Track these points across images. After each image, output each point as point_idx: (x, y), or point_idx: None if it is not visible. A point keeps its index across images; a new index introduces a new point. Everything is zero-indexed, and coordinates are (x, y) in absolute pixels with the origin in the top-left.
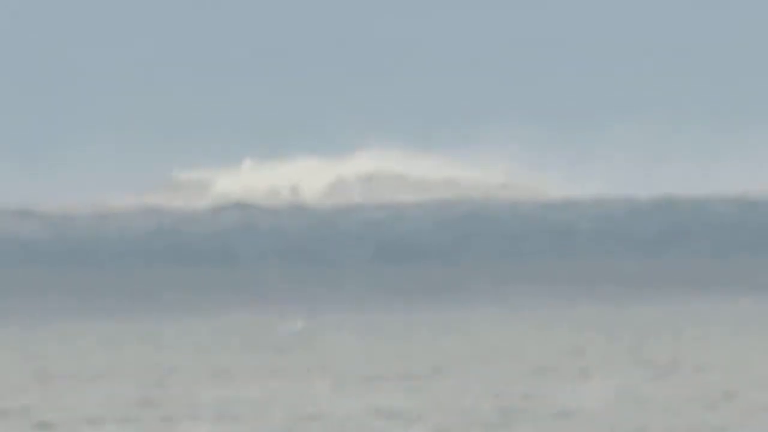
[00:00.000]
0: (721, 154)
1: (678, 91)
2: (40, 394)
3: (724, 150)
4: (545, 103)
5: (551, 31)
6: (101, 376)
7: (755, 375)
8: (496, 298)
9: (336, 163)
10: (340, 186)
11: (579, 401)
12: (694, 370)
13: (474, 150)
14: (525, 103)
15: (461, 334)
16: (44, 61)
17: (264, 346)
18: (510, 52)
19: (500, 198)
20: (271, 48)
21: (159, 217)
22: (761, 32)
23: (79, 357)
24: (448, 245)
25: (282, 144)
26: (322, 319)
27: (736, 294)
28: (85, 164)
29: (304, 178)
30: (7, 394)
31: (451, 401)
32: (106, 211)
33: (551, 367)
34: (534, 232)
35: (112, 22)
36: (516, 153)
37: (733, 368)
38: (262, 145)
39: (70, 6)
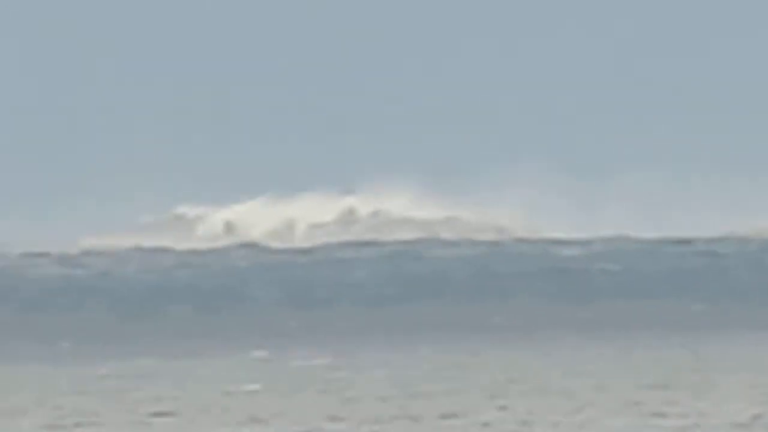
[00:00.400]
0: (731, 196)
1: (688, 138)
2: None
3: (734, 193)
4: (557, 146)
5: (562, 76)
6: (119, 419)
7: None
8: (511, 338)
9: (341, 201)
10: (346, 224)
11: None
12: (713, 404)
13: (482, 191)
14: (537, 147)
15: (481, 373)
16: (50, 90)
17: (282, 384)
18: (521, 96)
19: (510, 238)
20: (278, 84)
21: (168, 255)
22: (764, 79)
23: (95, 399)
24: (461, 285)
25: (287, 181)
26: (337, 356)
27: (752, 333)
28: (91, 201)
29: (309, 216)
30: None
31: None
32: (113, 251)
33: (574, 405)
34: (545, 272)
35: (121, 55)
36: (525, 195)
37: (752, 408)
38: (271, 182)
39: (77, 42)
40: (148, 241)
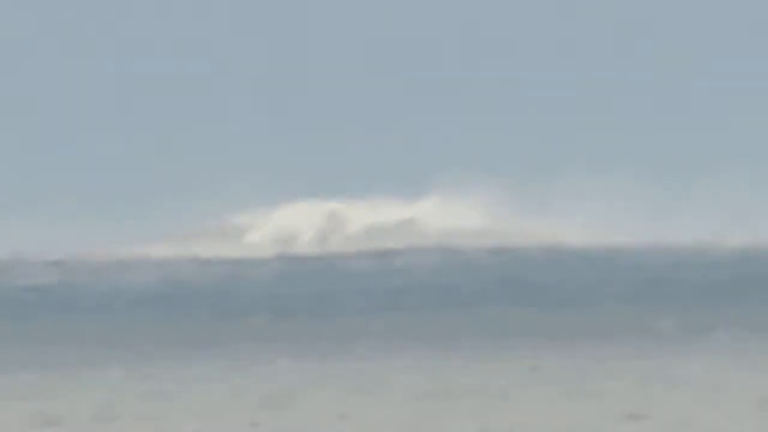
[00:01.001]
0: None
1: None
2: None
3: None
4: (638, 153)
5: (643, 81)
6: (234, 416)
7: None
8: (597, 344)
9: (410, 206)
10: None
11: None
12: None
13: (560, 198)
14: (618, 153)
15: (581, 376)
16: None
17: (376, 389)
18: (599, 102)
19: (589, 247)
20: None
21: (237, 262)
22: None
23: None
24: (542, 292)
25: (363, 184)
26: (428, 361)
27: None
28: (158, 208)
29: (380, 220)
30: None
31: None
32: (188, 258)
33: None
34: (627, 279)
35: (173, 60)
36: (606, 202)
37: None
38: (343, 186)
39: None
40: (215, 249)
